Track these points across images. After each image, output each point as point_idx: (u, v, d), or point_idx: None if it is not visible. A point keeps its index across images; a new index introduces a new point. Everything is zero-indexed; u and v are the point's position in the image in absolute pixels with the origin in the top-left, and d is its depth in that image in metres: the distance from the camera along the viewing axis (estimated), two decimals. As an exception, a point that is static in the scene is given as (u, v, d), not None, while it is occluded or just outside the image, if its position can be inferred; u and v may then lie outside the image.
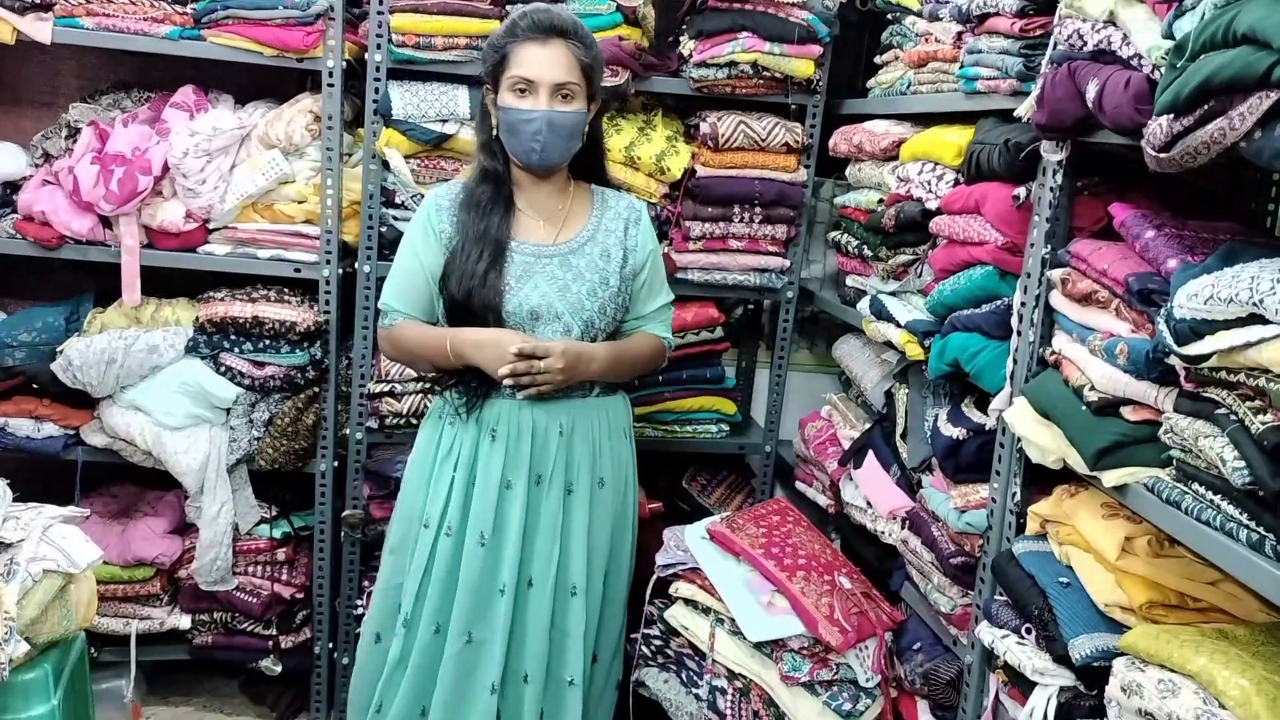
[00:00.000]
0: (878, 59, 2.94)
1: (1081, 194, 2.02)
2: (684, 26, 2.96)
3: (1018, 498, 2.06)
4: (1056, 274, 1.92)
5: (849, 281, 2.93)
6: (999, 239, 2.10)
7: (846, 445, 2.86)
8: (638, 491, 2.45)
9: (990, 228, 2.13)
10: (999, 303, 2.11)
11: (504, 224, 2.21)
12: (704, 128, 2.91)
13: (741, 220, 2.98)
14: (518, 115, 2.15)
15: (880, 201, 2.69)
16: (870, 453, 2.68)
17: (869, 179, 2.77)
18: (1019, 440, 2.02)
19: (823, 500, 2.98)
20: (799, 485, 3.14)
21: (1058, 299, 1.95)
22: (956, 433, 2.22)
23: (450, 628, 2.24)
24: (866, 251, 2.76)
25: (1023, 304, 2.04)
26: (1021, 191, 2.03)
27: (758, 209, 2.98)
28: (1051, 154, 1.93)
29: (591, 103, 2.23)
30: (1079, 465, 1.78)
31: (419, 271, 2.25)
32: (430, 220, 2.25)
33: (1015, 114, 1.99)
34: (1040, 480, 2.07)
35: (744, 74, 2.88)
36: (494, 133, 2.22)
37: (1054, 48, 1.90)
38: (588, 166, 2.35)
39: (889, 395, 2.70)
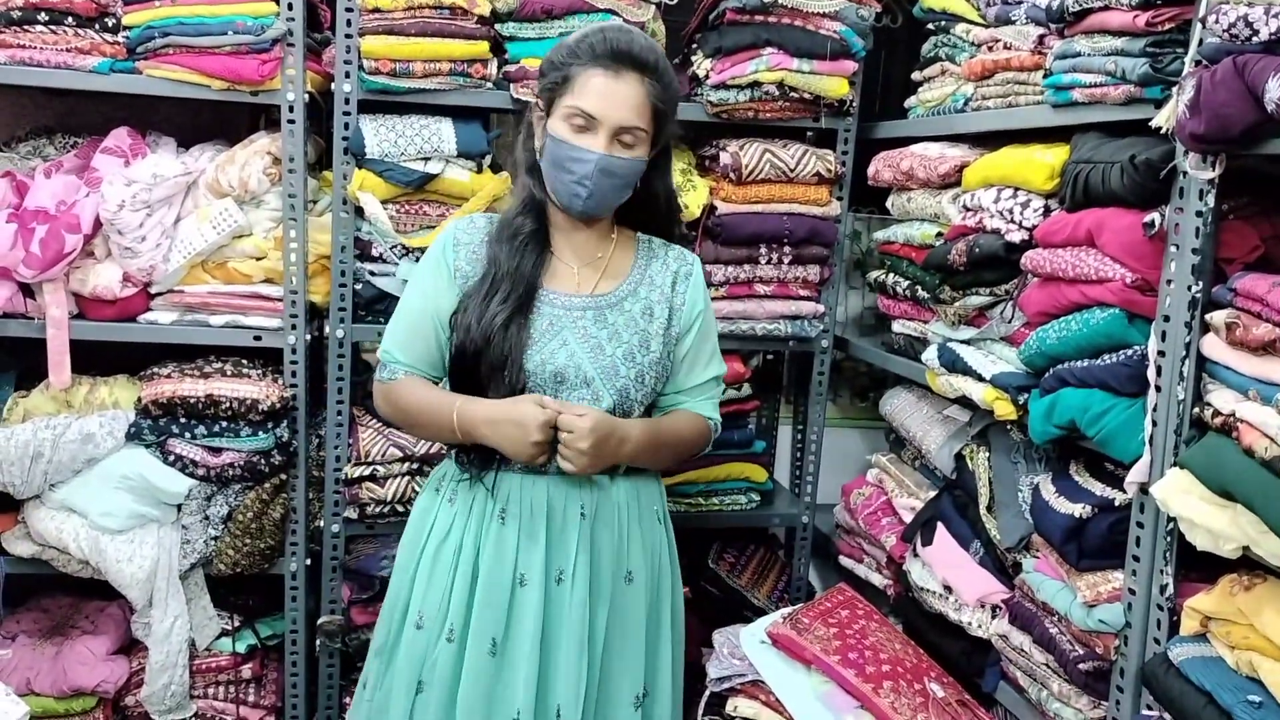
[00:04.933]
0: (917, 74, 2.60)
1: (1227, 218, 1.67)
2: (694, 44, 2.61)
3: (1170, 590, 1.69)
4: (1219, 317, 1.57)
5: (897, 327, 2.57)
6: (1126, 275, 1.75)
7: (904, 515, 2.50)
8: (680, 583, 2.03)
9: (1112, 262, 1.78)
10: (1131, 352, 1.76)
11: (538, 266, 1.86)
12: (724, 158, 2.54)
13: (770, 262, 2.62)
14: (569, 151, 1.78)
15: (938, 235, 2.34)
16: (941, 527, 2.30)
17: (921, 210, 2.42)
18: (1170, 520, 1.66)
19: (878, 579, 2.60)
20: (844, 561, 2.77)
21: (1216, 347, 1.60)
22: (1077, 510, 1.85)
23: None
24: (921, 293, 2.41)
25: (1162, 353, 1.68)
26: (1155, 217, 1.68)
27: (787, 248, 2.62)
28: (1201, 171, 1.58)
29: (653, 149, 1.88)
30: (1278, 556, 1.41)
31: (426, 316, 1.88)
32: (445, 255, 1.89)
33: (1153, 124, 1.64)
34: (1191, 565, 1.71)
35: (769, 95, 2.53)
36: (538, 156, 1.88)
37: (1199, 43, 1.56)
38: (648, 221, 2.00)
39: (959, 458, 2.33)
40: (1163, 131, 1.63)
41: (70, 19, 2.35)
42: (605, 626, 1.85)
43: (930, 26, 2.53)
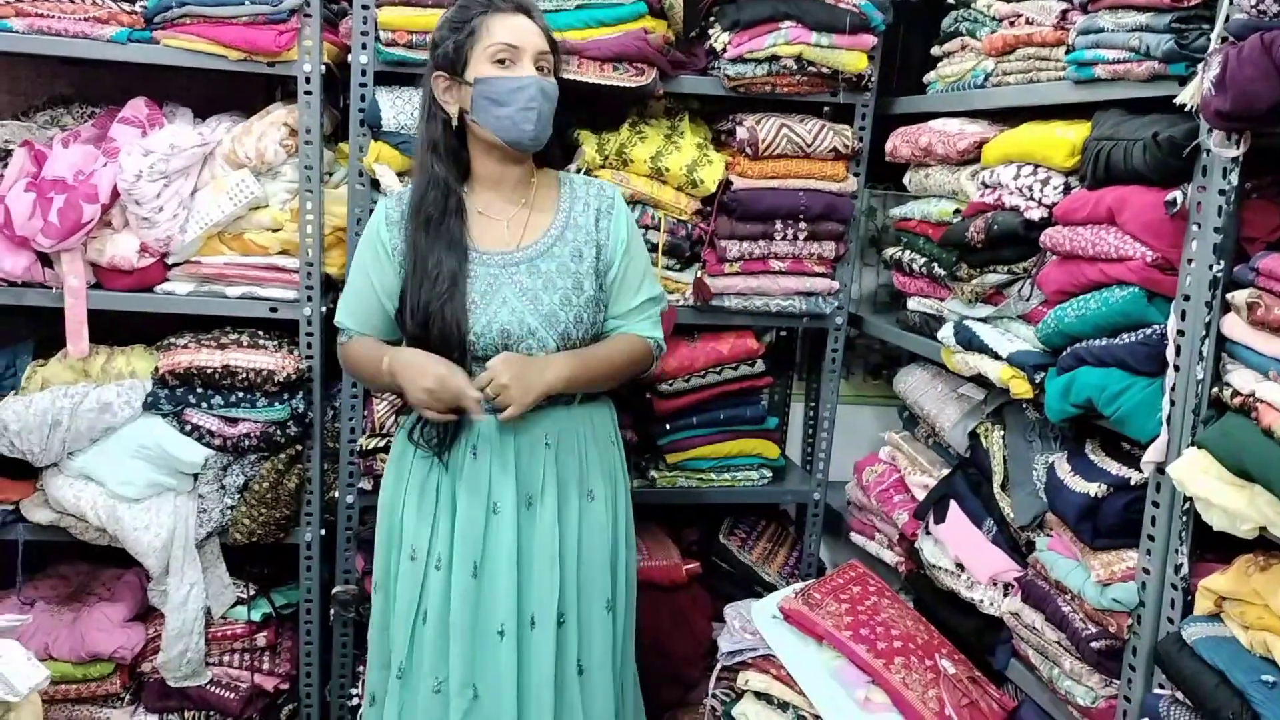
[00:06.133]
0: (936, 49, 2.58)
1: (1249, 197, 1.66)
2: (711, 17, 2.59)
3: (1185, 570, 1.69)
4: (1240, 296, 1.56)
5: (913, 305, 2.56)
6: (1147, 254, 1.73)
7: (916, 493, 2.50)
8: (630, 500, 2.15)
9: (1132, 241, 1.76)
10: (1150, 331, 1.74)
11: (460, 237, 1.95)
12: (741, 133, 2.53)
13: (785, 238, 2.61)
14: (507, 84, 1.88)
15: (956, 212, 2.33)
16: (954, 505, 2.30)
17: (939, 186, 2.41)
18: (1186, 500, 1.66)
19: (889, 556, 2.60)
20: (856, 538, 2.77)
21: (1237, 327, 1.59)
22: (1093, 489, 1.84)
23: (451, 681, 1.95)
24: (938, 270, 2.40)
25: (1181, 332, 1.67)
26: (1177, 196, 1.67)
27: (803, 224, 2.61)
28: (1225, 149, 1.57)
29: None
30: (1297, 538, 1.41)
31: (369, 293, 2.02)
32: (380, 234, 2.00)
33: (1177, 101, 1.62)
34: (1205, 545, 1.71)
35: (787, 70, 2.51)
36: (450, 125, 1.95)
37: (1226, 19, 1.55)
38: (551, 155, 2.11)
39: (973, 436, 2.32)
40: (1187, 109, 1.61)
41: (88, -13, 2.35)
42: (577, 542, 2.00)
43: (951, 1, 2.50)
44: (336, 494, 2.60)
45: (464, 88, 1.91)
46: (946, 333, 2.29)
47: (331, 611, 2.63)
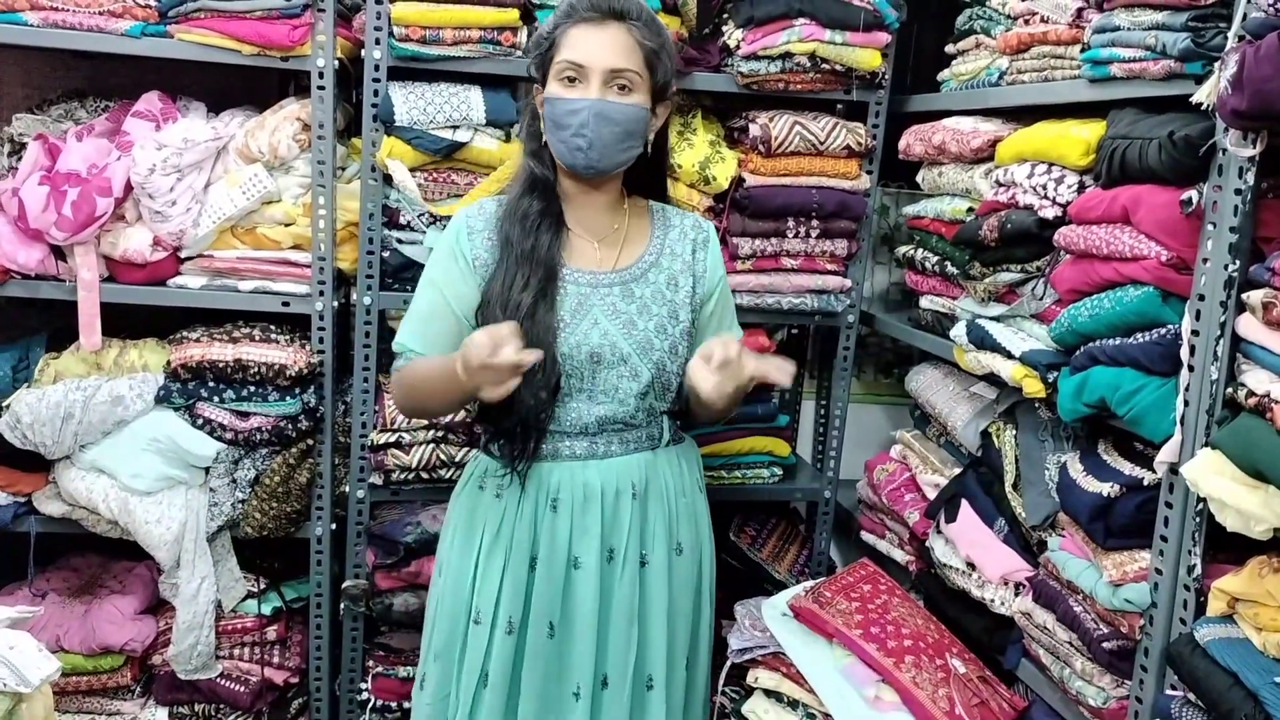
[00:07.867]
0: (951, 47, 2.57)
1: (1266, 196, 1.65)
2: (725, 14, 2.59)
3: (1197, 571, 1.68)
4: (1256, 296, 1.55)
5: (925, 303, 2.56)
6: (1162, 253, 1.73)
7: (928, 492, 2.49)
8: (713, 549, 2.07)
9: (1147, 240, 1.76)
10: (1164, 330, 1.74)
11: (554, 245, 1.83)
12: (754, 130, 2.52)
13: (797, 235, 2.60)
14: (563, 106, 1.78)
15: (969, 210, 2.32)
16: (965, 504, 2.29)
17: (952, 185, 2.40)
18: (1199, 501, 1.65)
19: (899, 555, 2.60)
20: (866, 537, 2.76)
21: (1252, 327, 1.58)
22: (1105, 489, 1.84)
23: None
24: (950, 269, 2.39)
25: (1196, 332, 1.67)
26: (1193, 195, 1.66)
27: (815, 222, 2.60)
28: (1241, 149, 1.56)
29: (658, 103, 1.87)
30: (1312, 540, 1.41)
31: (443, 309, 1.85)
32: (459, 245, 1.87)
33: (1194, 100, 1.61)
34: (1219, 545, 1.70)
35: (800, 67, 2.51)
36: (544, 138, 1.86)
37: (1244, 18, 1.54)
38: (649, 183, 1.99)
39: (985, 436, 2.32)
40: (1203, 108, 1.60)
41: (103, -19, 2.35)
42: (667, 600, 1.88)
43: (965, -3, 2.50)
44: (347, 488, 2.61)
45: (544, 104, 1.83)
46: (959, 331, 2.28)
47: (341, 606, 2.63)
